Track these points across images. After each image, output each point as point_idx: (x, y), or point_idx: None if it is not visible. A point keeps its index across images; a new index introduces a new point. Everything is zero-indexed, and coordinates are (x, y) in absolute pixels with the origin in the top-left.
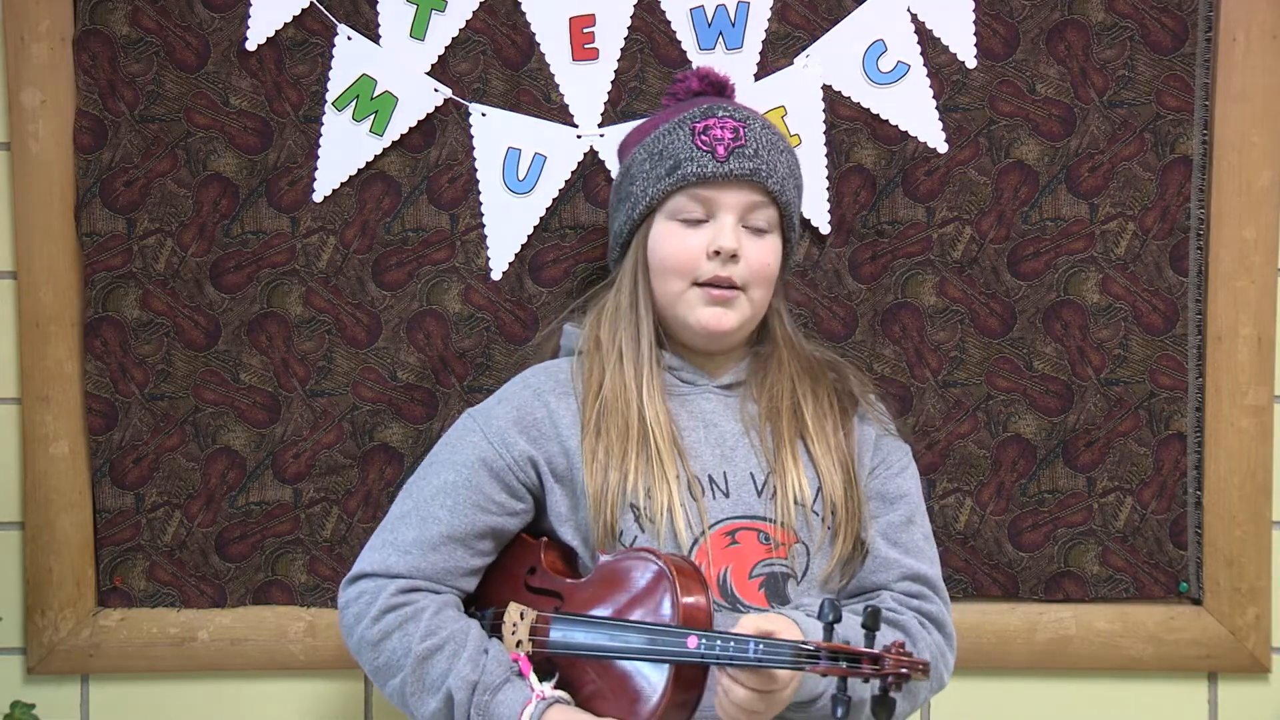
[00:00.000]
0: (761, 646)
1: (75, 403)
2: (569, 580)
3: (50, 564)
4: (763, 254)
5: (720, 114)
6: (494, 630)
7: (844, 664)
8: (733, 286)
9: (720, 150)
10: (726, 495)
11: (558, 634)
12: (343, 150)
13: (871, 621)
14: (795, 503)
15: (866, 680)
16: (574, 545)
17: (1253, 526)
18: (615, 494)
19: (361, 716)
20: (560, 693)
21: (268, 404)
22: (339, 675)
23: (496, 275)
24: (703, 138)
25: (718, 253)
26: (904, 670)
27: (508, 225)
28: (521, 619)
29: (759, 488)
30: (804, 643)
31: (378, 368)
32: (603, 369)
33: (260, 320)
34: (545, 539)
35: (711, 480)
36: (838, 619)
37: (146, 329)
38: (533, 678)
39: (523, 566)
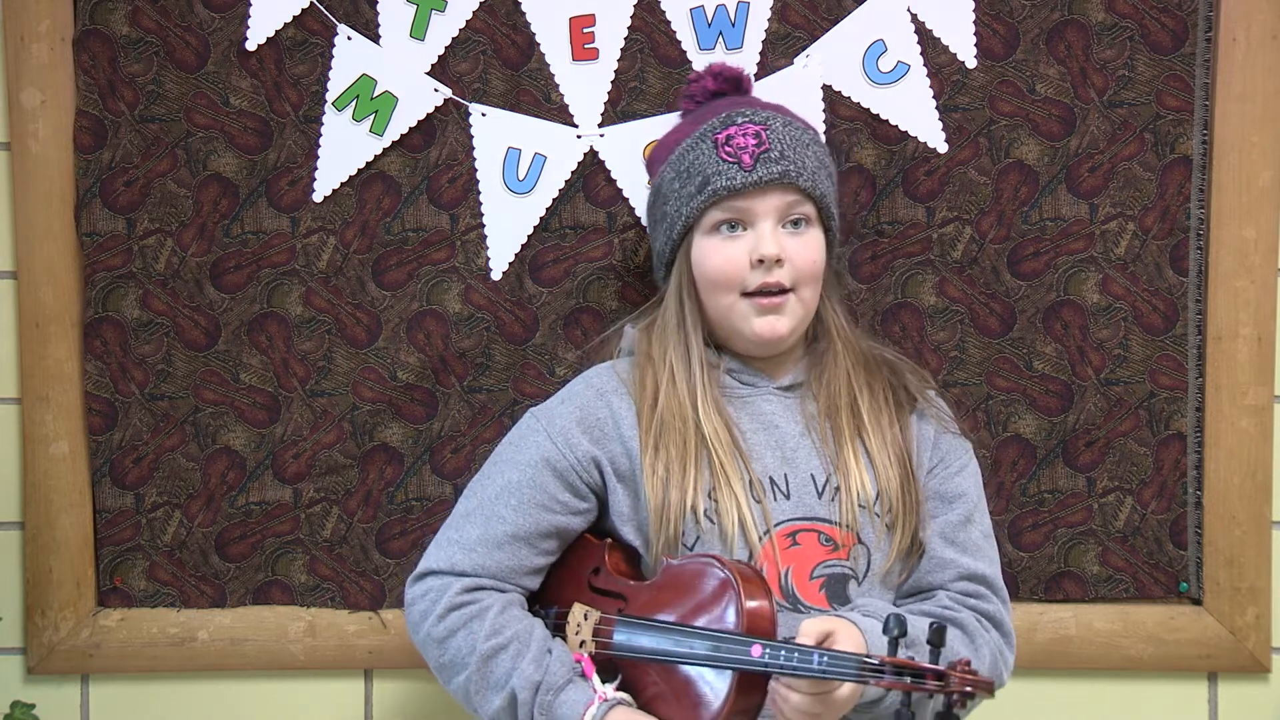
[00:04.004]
0: (826, 658)
1: (75, 403)
2: (633, 582)
3: (50, 564)
4: (805, 250)
5: (740, 120)
6: (557, 629)
7: (908, 679)
8: (783, 290)
9: (746, 159)
10: (788, 497)
11: (621, 636)
12: (343, 150)
13: (937, 638)
14: (859, 504)
15: (930, 696)
16: (635, 544)
17: (1253, 526)
18: (677, 509)
19: (361, 716)
20: (623, 694)
21: (268, 404)
22: (339, 675)
23: (496, 275)
24: (726, 149)
25: (761, 261)
26: (969, 689)
27: (508, 225)
28: (585, 620)
29: (819, 489)
30: (868, 656)
31: (378, 368)
32: (656, 382)
33: (260, 320)
34: (610, 540)
35: (773, 482)
36: (903, 633)
37: (146, 329)
38: (595, 679)
39: (587, 567)
